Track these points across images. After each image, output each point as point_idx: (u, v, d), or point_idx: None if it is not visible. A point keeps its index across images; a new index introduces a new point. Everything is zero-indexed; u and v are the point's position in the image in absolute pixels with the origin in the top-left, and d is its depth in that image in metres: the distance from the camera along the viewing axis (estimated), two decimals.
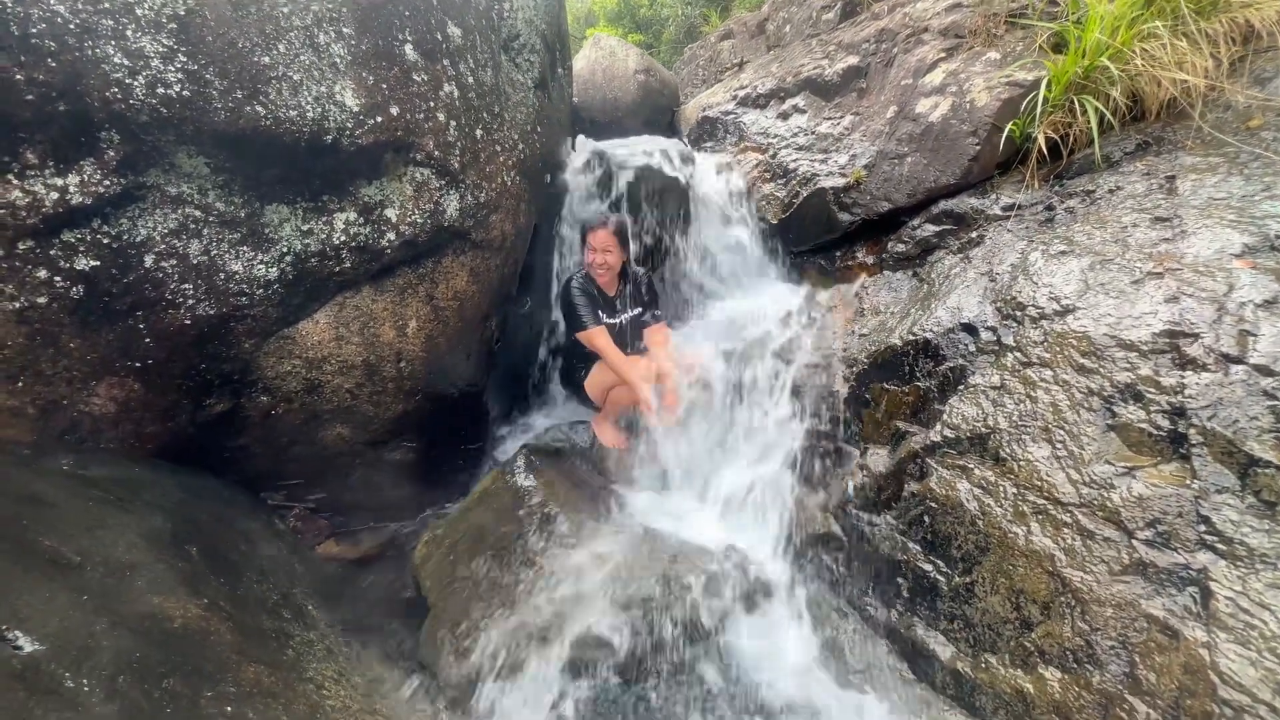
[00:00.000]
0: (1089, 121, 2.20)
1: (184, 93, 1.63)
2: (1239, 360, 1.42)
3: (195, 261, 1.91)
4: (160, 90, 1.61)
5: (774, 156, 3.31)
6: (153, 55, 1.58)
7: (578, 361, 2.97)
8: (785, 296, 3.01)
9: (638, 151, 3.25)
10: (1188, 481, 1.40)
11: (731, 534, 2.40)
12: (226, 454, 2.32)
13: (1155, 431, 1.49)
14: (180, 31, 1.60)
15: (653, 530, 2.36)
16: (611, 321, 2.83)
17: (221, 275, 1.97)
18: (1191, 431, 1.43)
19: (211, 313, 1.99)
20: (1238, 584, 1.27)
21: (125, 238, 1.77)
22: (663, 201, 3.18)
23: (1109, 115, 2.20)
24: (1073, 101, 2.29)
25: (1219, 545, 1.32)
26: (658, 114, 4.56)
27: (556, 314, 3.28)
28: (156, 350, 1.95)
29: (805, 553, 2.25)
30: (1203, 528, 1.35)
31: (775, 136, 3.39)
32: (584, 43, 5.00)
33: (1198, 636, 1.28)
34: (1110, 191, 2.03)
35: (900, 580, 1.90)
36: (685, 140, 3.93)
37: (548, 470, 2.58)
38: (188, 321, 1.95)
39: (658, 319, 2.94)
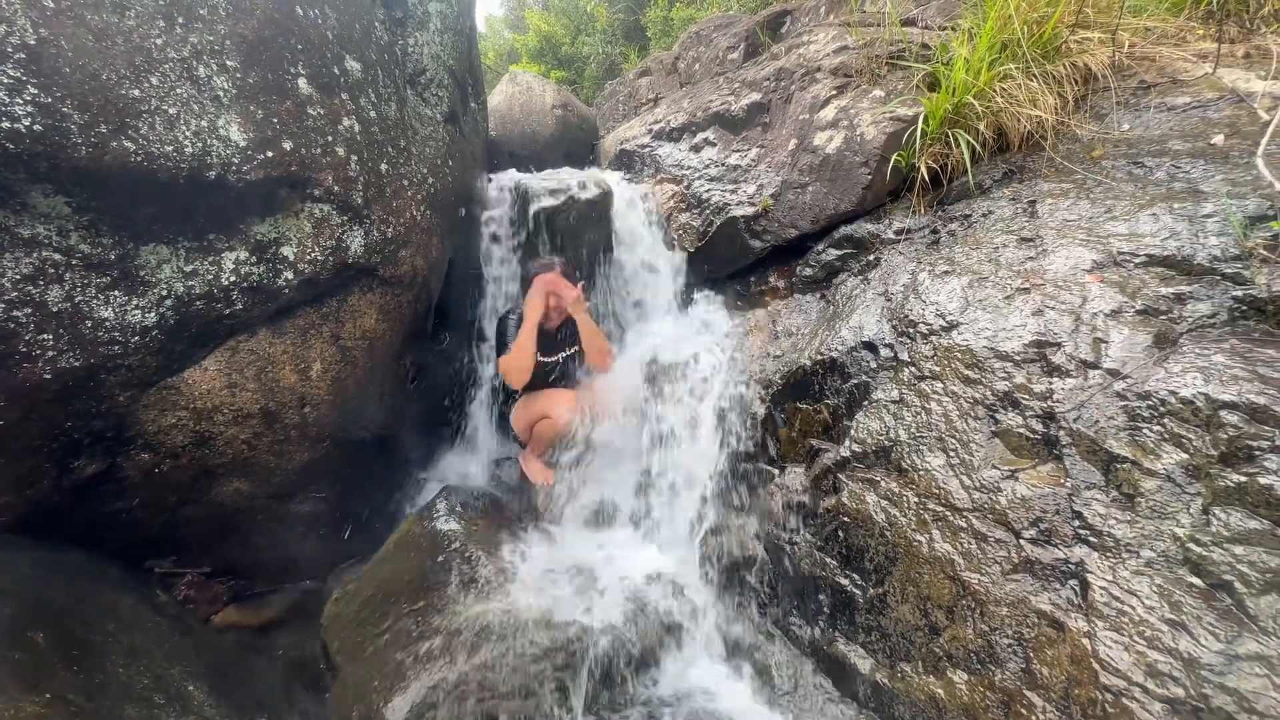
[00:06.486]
0: (963, 153, 2.40)
1: (35, 127, 1.50)
2: (1095, 365, 1.56)
3: (56, 309, 1.74)
4: (6, 124, 1.47)
5: (688, 187, 3.41)
6: None
7: (509, 397, 2.91)
8: (704, 322, 3.07)
9: (556, 184, 3.27)
10: (1062, 480, 1.51)
11: (661, 563, 2.37)
12: (104, 521, 2.09)
13: (1032, 435, 1.60)
14: (30, 62, 1.48)
15: (581, 567, 2.31)
16: (547, 360, 2.79)
17: (88, 323, 1.81)
18: (1061, 433, 1.54)
19: (77, 364, 1.81)
20: (1109, 573, 1.36)
21: None
22: (580, 232, 3.21)
23: (979, 147, 2.42)
24: (948, 134, 2.50)
25: (1091, 538, 1.42)
26: (577, 147, 4.63)
27: (476, 351, 3.21)
28: (9, 410, 1.75)
29: (732, 577, 2.26)
30: (1077, 523, 1.45)
31: (689, 168, 3.50)
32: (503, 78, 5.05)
33: (1080, 627, 1.36)
34: (984, 215, 2.21)
35: (821, 597, 1.93)
36: (603, 170, 3.99)
37: (470, 512, 2.48)
38: (47, 375, 1.77)
39: None
